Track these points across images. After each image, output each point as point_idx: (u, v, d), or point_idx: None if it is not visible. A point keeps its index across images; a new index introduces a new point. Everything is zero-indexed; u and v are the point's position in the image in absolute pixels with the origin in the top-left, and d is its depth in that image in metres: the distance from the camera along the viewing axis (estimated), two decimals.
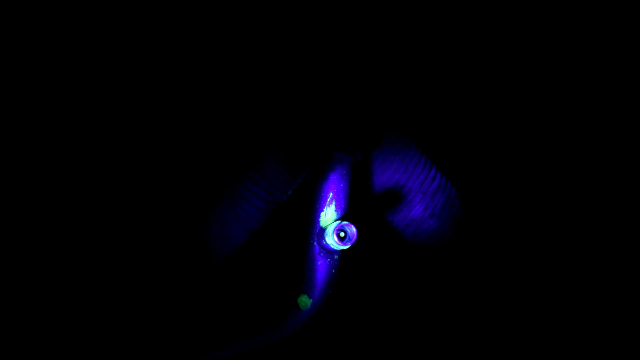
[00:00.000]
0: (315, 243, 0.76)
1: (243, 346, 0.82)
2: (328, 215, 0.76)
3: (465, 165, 0.99)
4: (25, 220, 0.93)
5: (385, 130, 0.85)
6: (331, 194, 0.77)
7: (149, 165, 0.96)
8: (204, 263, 0.90)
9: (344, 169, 0.78)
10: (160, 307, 0.94)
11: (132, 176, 0.96)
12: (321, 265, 0.76)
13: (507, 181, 1.00)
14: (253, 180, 0.83)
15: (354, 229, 0.72)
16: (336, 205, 0.77)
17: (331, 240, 0.72)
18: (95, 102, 0.97)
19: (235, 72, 0.98)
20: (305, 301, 0.77)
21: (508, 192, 1.00)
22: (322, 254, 0.76)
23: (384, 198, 0.84)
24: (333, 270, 0.76)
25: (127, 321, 0.92)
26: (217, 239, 0.87)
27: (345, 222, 0.72)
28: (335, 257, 0.76)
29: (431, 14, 0.99)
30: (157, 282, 0.94)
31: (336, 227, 0.72)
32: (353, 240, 0.71)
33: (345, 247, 0.72)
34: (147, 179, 0.96)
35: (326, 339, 0.93)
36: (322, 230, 0.74)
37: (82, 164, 0.95)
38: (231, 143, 0.96)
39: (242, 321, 0.90)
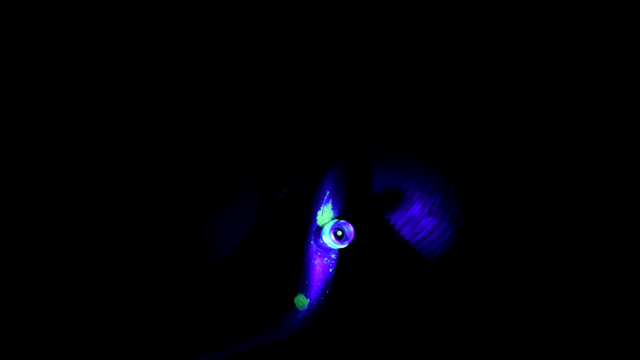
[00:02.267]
0: (312, 242, 0.75)
1: (239, 347, 0.82)
2: (325, 214, 0.75)
3: (464, 163, 0.99)
4: (24, 220, 0.93)
5: (384, 129, 0.85)
6: (328, 192, 0.76)
7: (146, 164, 0.96)
8: (200, 263, 0.90)
9: (342, 167, 0.78)
10: (158, 307, 0.93)
11: (128, 176, 0.96)
12: (318, 265, 0.75)
13: (506, 180, 1.00)
14: (249, 178, 0.82)
15: (351, 228, 0.71)
16: (333, 204, 0.76)
17: (328, 239, 0.71)
18: (92, 103, 0.96)
19: (233, 70, 0.98)
20: (302, 301, 0.76)
21: (507, 190, 1.00)
22: (319, 253, 0.75)
23: (382, 196, 0.83)
24: (330, 270, 0.76)
25: (126, 321, 0.92)
26: (214, 238, 0.86)
27: (342, 221, 0.71)
28: (333, 256, 0.75)
29: (430, 13, 0.99)
30: (155, 281, 0.94)
31: (333, 225, 0.71)
32: (350, 239, 0.71)
33: (343, 246, 0.71)
34: (143, 178, 0.96)
35: (323, 339, 0.93)
36: (319, 229, 0.73)
37: (78, 164, 0.95)
38: (228, 141, 0.95)
39: (239, 321, 0.90)
